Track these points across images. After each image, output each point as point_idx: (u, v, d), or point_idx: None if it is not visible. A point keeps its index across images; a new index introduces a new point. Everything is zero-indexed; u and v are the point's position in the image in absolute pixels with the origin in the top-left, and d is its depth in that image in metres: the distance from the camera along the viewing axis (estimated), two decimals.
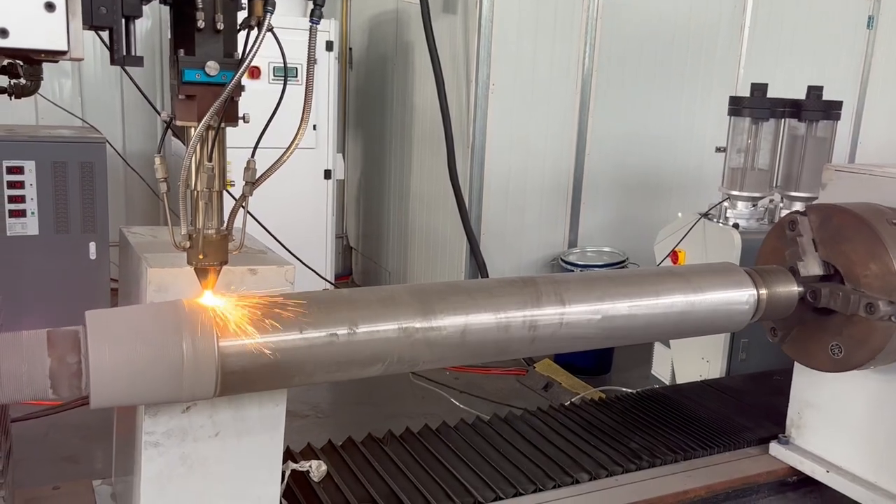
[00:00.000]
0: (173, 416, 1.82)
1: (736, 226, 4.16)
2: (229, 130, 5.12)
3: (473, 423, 2.84)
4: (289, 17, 5.71)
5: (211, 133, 1.44)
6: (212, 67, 1.37)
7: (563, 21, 5.45)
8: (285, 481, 2.32)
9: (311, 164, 5.82)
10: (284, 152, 1.54)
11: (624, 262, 5.47)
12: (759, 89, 4.20)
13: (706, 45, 6.07)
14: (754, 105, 4.19)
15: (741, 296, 1.99)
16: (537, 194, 5.67)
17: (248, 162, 1.55)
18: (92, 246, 5.08)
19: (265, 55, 5.81)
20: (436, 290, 1.65)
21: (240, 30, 1.46)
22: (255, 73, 5.44)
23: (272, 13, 1.41)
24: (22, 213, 4.97)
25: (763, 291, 2.03)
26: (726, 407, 3.06)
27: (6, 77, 2.41)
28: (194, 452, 1.88)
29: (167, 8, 1.44)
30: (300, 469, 2.40)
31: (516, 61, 5.36)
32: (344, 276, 7.48)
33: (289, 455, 2.50)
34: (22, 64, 2.32)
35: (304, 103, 1.52)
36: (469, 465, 2.51)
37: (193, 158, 1.42)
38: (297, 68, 5.63)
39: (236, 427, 1.92)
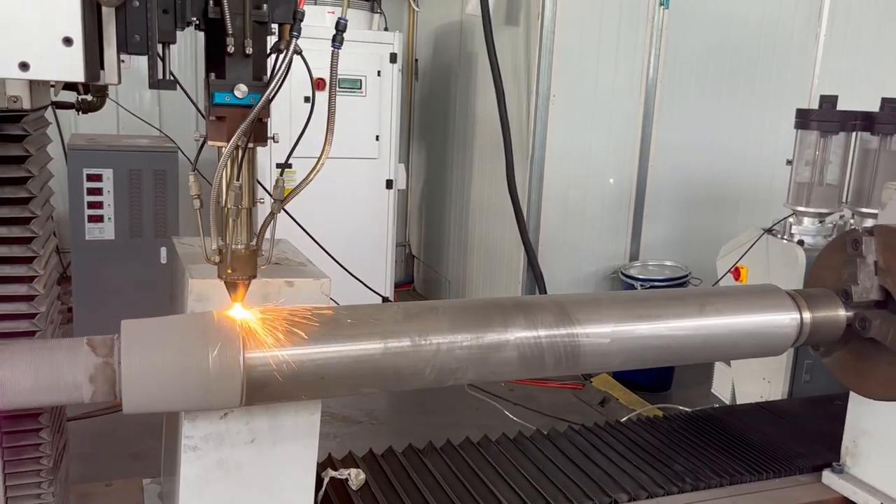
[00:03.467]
0: (211, 421, 1.89)
1: (801, 242, 4.02)
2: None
3: (515, 439, 2.83)
4: (355, 30, 5.84)
5: (243, 153, 1.49)
6: (241, 90, 1.42)
7: (627, 32, 5.39)
8: (324, 488, 2.37)
9: (373, 174, 5.91)
10: (311, 172, 1.59)
11: (686, 276, 5.35)
12: (828, 101, 4.05)
13: (779, 54, 5.89)
14: (822, 118, 4.04)
15: (782, 320, 1.93)
16: (598, 205, 5.61)
17: (277, 180, 1.60)
18: (163, 251, 5.29)
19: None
20: (459, 307, 1.66)
21: (270, 54, 1.52)
22: (320, 84, 5.55)
23: (297, 38, 1.45)
24: (100, 219, 5.22)
25: (807, 315, 1.96)
26: (780, 431, 2.96)
27: (74, 93, 2.55)
28: (231, 457, 1.94)
29: None
30: (339, 477, 2.45)
31: (578, 72, 5.33)
32: (405, 285, 7.56)
33: (329, 462, 2.55)
34: None
35: (328, 124, 1.55)
36: (507, 481, 2.51)
37: (224, 176, 1.48)
38: (360, 80, 5.75)
39: (272, 434, 1.98)
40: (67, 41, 1.14)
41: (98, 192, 5.18)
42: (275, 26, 1.49)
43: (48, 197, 2.02)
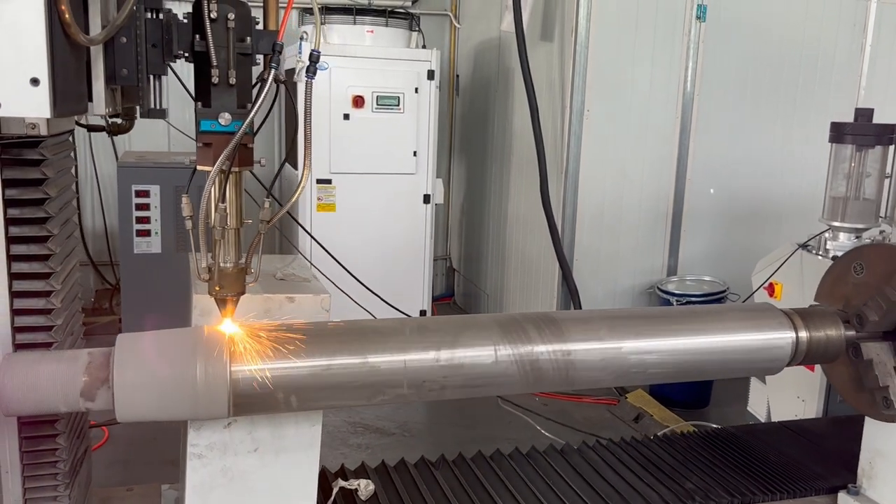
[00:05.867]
0: (215, 430, 1.97)
1: (835, 258, 3.93)
2: (337, 157, 5.31)
3: (528, 453, 2.85)
4: (393, 48, 5.96)
5: (227, 176, 1.57)
6: (224, 118, 1.51)
7: (663, 46, 5.36)
8: (332, 498, 2.44)
9: (410, 189, 6.01)
10: (293, 196, 1.66)
11: (724, 292, 5.27)
12: (863, 114, 3.97)
13: (822, 67, 5.77)
14: (857, 131, 3.95)
15: (776, 338, 1.92)
16: (634, 220, 5.58)
17: (264, 202, 1.68)
18: None
19: (369, 85, 6.10)
20: (440, 324, 1.71)
21: (255, 84, 1.60)
22: (359, 102, 5.71)
23: (276, 69, 1.53)
24: (147, 233, 5.45)
25: (804, 334, 1.94)
26: (800, 451, 2.90)
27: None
28: (235, 466, 2.02)
29: None
30: (349, 487, 2.51)
31: (613, 87, 5.33)
32: (446, 297, 7.62)
33: (341, 472, 2.62)
34: None
35: (304, 151, 1.62)
36: (514, 496, 2.53)
37: (212, 198, 1.57)
38: (398, 97, 5.85)
39: (274, 444, 2.05)
40: (35, 81, 1.25)
41: (146, 207, 5.40)
42: (258, 57, 1.57)
43: (70, 216, 2.14)
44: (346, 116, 5.71)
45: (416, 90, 5.89)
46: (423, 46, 6.16)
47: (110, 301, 6.76)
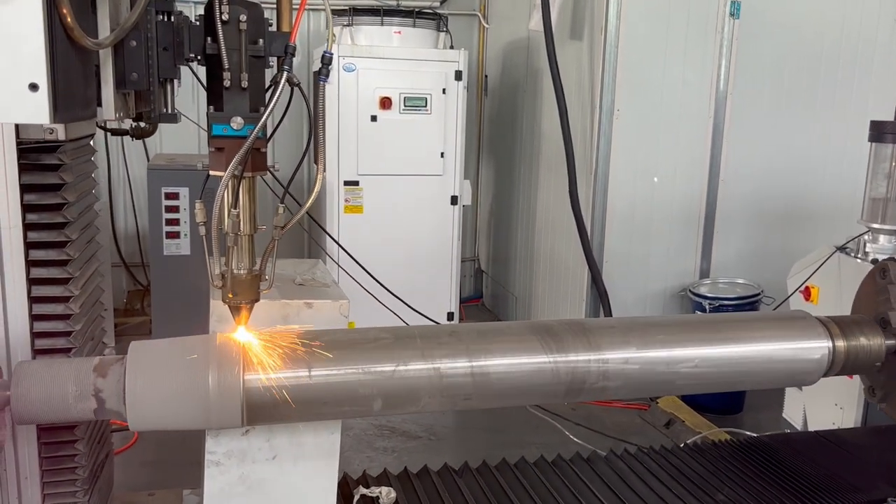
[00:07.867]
0: (233, 438, 1.95)
1: (875, 262, 3.80)
2: (364, 159, 5.30)
3: (553, 462, 2.78)
4: (420, 49, 5.93)
5: (238, 181, 1.54)
6: (237, 122, 1.48)
7: (695, 43, 5.25)
8: None
9: (438, 191, 5.97)
10: (307, 201, 1.62)
11: (757, 296, 5.14)
12: None
13: (860, 64, 5.60)
14: None
15: (811, 348, 1.84)
16: (665, 222, 5.47)
17: (278, 207, 1.65)
18: None
19: (397, 86, 6.10)
20: (461, 331, 1.67)
21: (269, 87, 1.57)
22: (386, 103, 5.68)
23: (289, 71, 1.49)
24: (176, 235, 5.48)
25: (840, 343, 1.86)
26: (838, 463, 2.79)
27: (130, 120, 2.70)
28: (253, 473, 2.00)
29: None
30: (370, 494, 2.47)
31: (643, 87, 5.23)
32: (475, 299, 7.57)
33: (363, 479, 2.58)
34: None
35: (318, 154, 1.58)
36: None
37: (225, 204, 1.54)
38: (426, 98, 5.81)
39: (292, 452, 2.02)
40: (33, 87, 1.23)
41: (175, 209, 5.44)
42: (272, 60, 1.54)
43: (90, 221, 2.13)
44: (374, 118, 5.69)
45: (444, 91, 5.85)
46: (451, 47, 6.12)
47: (142, 302, 6.83)
